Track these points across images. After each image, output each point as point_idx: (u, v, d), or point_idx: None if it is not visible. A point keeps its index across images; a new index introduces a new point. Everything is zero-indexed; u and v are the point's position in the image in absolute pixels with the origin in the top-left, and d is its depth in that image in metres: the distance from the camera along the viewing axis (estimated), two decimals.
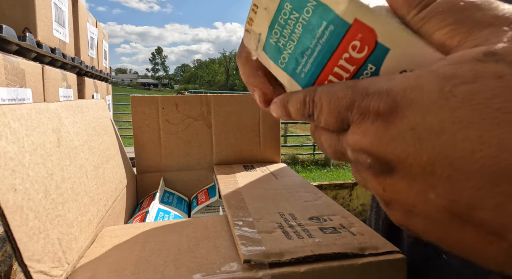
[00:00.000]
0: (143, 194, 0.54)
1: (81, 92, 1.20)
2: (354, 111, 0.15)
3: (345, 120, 0.15)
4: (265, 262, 0.23)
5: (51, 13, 0.86)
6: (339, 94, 0.15)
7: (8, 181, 0.19)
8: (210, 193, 0.50)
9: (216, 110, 0.54)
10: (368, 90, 0.14)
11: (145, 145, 0.53)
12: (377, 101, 0.13)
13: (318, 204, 0.34)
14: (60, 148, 0.27)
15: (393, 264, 0.24)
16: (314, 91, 0.17)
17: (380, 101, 0.13)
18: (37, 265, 0.19)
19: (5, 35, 0.65)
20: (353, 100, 0.15)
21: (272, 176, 0.46)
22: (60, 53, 0.97)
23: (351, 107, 0.15)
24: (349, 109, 0.15)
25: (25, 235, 0.19)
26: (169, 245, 0.27)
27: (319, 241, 0.25)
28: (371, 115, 0.14)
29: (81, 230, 0.27)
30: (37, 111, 0.25)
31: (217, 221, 0.32)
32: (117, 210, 0.40)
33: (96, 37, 1.49)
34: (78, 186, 0.28)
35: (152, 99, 0.52)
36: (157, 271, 0.23)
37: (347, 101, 0.15)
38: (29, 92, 0.69)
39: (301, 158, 4.05)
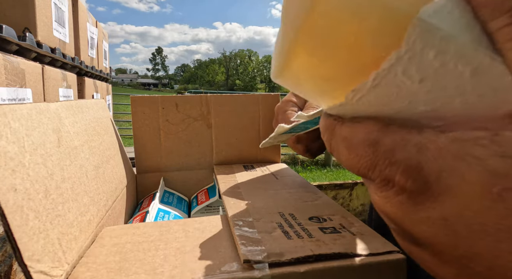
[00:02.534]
0: (143, 194, 0.54)
1: (81, 92, 1.20)
2: (375, 175, 0.12)
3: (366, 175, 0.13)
4: (265, 262, 0.23)
5: (51, 13, 0.86)
6: (358, 151, 0.13)
7: (8, 181, 0.19)
8: (210, 193, 0.50)
9: (216, 110, 0.54)
10: (393, 157, 0.11)
11: (145, 145, 0.53)
12: (404, 177, 0.11)
13: (318, 204, 0.34)
14: (60, 148, 0.27)
15: (393, 264, 0.24)
16: (333, 131, 0.14)
17: (408, 178, 0.11)
18: (37, 265, 0.19)
19: (5, 35, 0.65)
20: (375, 163, 0.12)
21: (272, 176, 0.46)
22: (60, 53, 0.97)
23: (373, 169, 0.12)
24: (370, 170, 0.12)
25: (25, 235, 0.19)
26: (169, 245, 0.27)
27: (319, 241, 0.25)
28: (397, 186, 0.12)
29: (81, 230, 0.27)
30: (37, 111, 0.25)
31: (217, 221, 0.32)
32: (117, 210, 0.40)
33: (96, 37, 1.49)
34: (78, 186, 0.28)
35: (152, 99, 0.52)
36: (157, 271, 0.23)
37: (367, 162, 0.12)
38: (29, 92, 0.69)
39: (301, 158, 4.05)
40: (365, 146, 0.12)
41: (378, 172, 0.12)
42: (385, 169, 0.12)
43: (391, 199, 0.12)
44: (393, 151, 0.11)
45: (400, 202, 0.12)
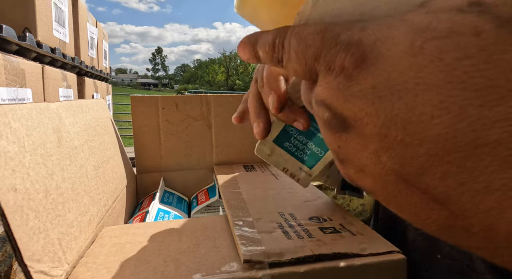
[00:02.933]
0: (143, 194, 0.54)
1: (81, 92, 1.20)
2: (321, 62, 0.13)
3: (313, 71, 0.14)
4: (265, 262, 0.23)
5: (51, 13, 0.86)
6: (308, 41, 0.14)
7: (8, 181, 0.19)
8: (210, 193, 0.50)
9: (216, 110, 0.54)
10: (338, 39, 0.13)
11: (145, 145, 0.53)
12: (344, 54, 0.12)
13: (318, 204, 0.34)
14: (61, 148, 0.27)
15: (393, 264, 0.24)
16: (285, 33, 0.15)
17: (347, 53, 0.12)
18: (37, 265, 0.19)
19: (5, 35, 0.65)
20: (321, 49, 0.13)
21: (272, 176, 0.46)
22: (60, 53, 0.97)
23: (318, 57, 0.13)
24: (316, 59, 0.13)
25: (25, 235, 0.19)
26: (169, 245, 0.27)
27: (319, 241, 0.25)
28: (336, 68, 0.13)
29: (81, 230, 0.27)
30: (37, 111, 0.25)
31: (217, 221, 0.32)
32: (117, 210, 0.40)
33: (96, 37, 1.49)
34: (78, 186, 0.28)
35: (152, 99, 0.52)
36: (157, 271, 0.23)
37: (315, 50, 0.13)
38: (29, 92, 0.69)
39: None
40: (314, 34, 0.14)
41: (322, 58, 0.13)
42: (328, 52, 0.13)
43: (331, 83, 0.13)
44: (339, 34, 0.13)
45: (338, 83, 0.13)
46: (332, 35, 0.13)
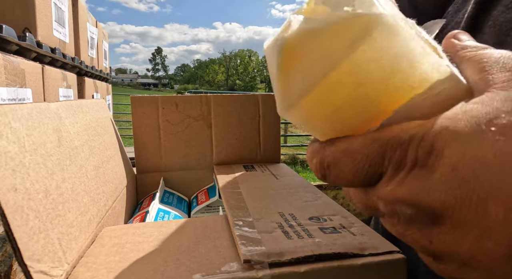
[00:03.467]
0: (143, 194, 0.54)
1: (81, 92, 1.20)
2: (386, 165, 0.13)
3: (374, 177, 0.14)
4: (265, 262, 0.23)
5: (51, 13, 0.86)
6: (364, 152, 0.14)
7: (8, 181, 0.19)
8: (210, 193, 0.50)
9: (216, 110, 0.54)
10: (400, 139, 0.13)
11: (145, 145, 0.53)
12: (414, 149, 0.13)
13: (318, 204, 0.34)
14: (61, 148, 0.27)
15: (393, 264, 0.24)
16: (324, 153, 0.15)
17: (417, 148, 0.12)
18: (37, 265, 0.19)
19: (5, 35, 0.65)
20: (383, 154, 0.13)
21: (272, 176, 0.46)
22: (60, 53, 0.97)
23: (381, 161, 0.14)
24: (379, 164, 0.14)
25: (25, 235, 0.19)
26: (169, 245, 0.27)
27: (319, 241, 0.25)
28: (408, 164, 0.13)
29: (81, 230, 0.27)
30: (37, 111, 0.25)
31: (217, 221, 0.32)
32: (117, 210, 0.40)
33: (96, 37, 1.49)
34: (78, 186, 0.28)
35: (152, 99, 0.52)
36: (157, 271, 0.23)
37: (376, 157, 0.14)
38: (29, 92, 0.69)
39: (301, 158, 4.05)
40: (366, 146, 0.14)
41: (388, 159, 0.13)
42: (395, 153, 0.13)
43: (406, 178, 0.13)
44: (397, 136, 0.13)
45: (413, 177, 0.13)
46: (389, 139, 0.13)
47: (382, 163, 0.14)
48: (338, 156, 0.15)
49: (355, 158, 0.14)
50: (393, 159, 0.13)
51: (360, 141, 0.14)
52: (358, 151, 0.14)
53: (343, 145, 0.15)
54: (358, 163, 0.14)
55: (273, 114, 0.56)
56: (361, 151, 0.14)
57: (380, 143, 0.14)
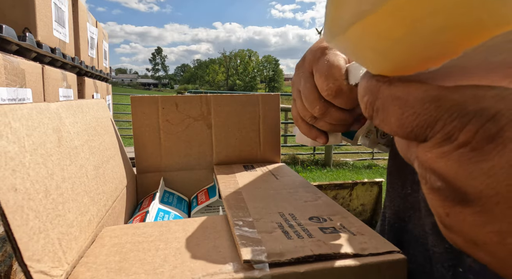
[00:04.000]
0: (143, 194, 0.54)
1: (81, 92, 1.20)
2: (435, 131, 0.12)
3: (418, 136, 0.13)
4: (265, 262, 0.23)
5: (51, 13, 0.86)
6: (416, 108, 0.12)
7: (8, 181, 0.19)
8: (210, 193, 0.50)
9: (216, 110, 0.54)
10: (464, 110, 0.11)
11: (145, 145, 0.53)
12: (475, 127, 0.11)
13: (318, 204, 0.34)
14: (61, 148, 0.27)
15: (393, 264, 0.24)
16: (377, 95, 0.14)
17: (480, 127, 0.11)
18: (37, 265, 0.19)
19: (5, 35, 0.65)
20: (437, 119, 0.12)
21: (272, 176, 0.46)
22: (60, 53, 0.97)
23: (432, 126, 0.12)
24: (430, 127, 0.12)
25: (25, 235, 0.19)
26: (169, 245, 0.27)
27: (319, 241, 0.25)
28: (459, 140, 0.11)
29: (81, 230, 0.27)
30: (37, 111, 0.25)
31: (217, 221, 0.32)
32: (117, 210, 0.40)
33: (96, 37, 1.49)
34: (78, 186, 0.28)
35: (152, 99, 0.52)
36: (157, 271, 0.23)
37: (427, 119, 0.12)
38: (29, 92, 0.69)
39: (301, 158, 4.06)
40: (425, 103, 0.12)
41: (439, 127, 0.12)
42: (451, 123, 0.12)
43: (450, 153, 0.12)
44: (464, 104, 0.11)
45: (460, 155, 0.11)
46: (451, 105, 0.12)
47: (433, 127, 0.12)
48: (388, 104, 0.13)
49: (404, 111, 0.13)
50: (446, 128, 0.12)
51: (417, 96, 0.12)
52: (411, 105, 0.13)
53: (398, 92, 0.13)
54: (406, 119, 0.13)
55: (273, 114, 0.56)
56: (414, 107, 0.13)
57: (438, 105, 0.12)
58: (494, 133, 0.11)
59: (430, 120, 0.12)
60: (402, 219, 0.33)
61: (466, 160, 0.11)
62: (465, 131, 0.11)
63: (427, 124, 0.12)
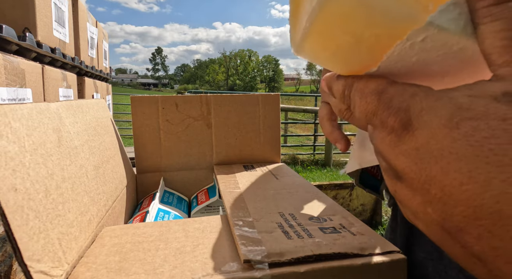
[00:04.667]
0: (143, 194, 0.54)
1: (81, 92, 1.20)
2: (376, 119, 0.16)
3: (370, 122, 0.16)
4: (265, 262, 0.23)
5: (51, 13, 0.86)
6: (368, 98, 0.16)
7: (8, 180, 0.19)
8: (210, 193, 0.50)
9: (216, 110, 0.54)
10: (391, 103, 0.15)
11: (145, 145, 0.53)
12: (395, 116, 0.14)
13: (318, 204, 0.34)
14: (61, 148, 0.27)
15: (393, 264, 0.24)
16: (351, 87, 0.18)
17: (397, 117, 0.14)
18: (37, 265, 0.19)
19: (5, 35, 0.65)
20: (377, 108, 0.16)
21: (272, 176, 0.46)
22: (60, 53, 0.97)
23: (375, 114, 0.16)
24: (374, 115, 0.16)
25: (25, 235, 0.19)
26: (169, 245, 0.27)
27: (319, 241, 0.25)
28: (389, 126, 0.15)
29: (81, 230, 0.27)
30: (38, 111, 0.25)
31: (217, 221, 0.32)
32: (117, 210, 0.40)
33: (96, 37, 1.49)
34: (78, 186, 0.28)
35: (152, 99, 0.52)
36: (157, 271, 0.23)
37: (372, 108, 0.16)
38: (29, 92, 0.69)
39: (301, 158, 4.05)
40: (372, 94, 0.16)
41: (379, 116, 0.15)
42: (383, 113, 0.15)
43: (385, 138, 0.15)
44: (392, 98, 0.15)
45: (390, 140, 0.15)
46: (386, 97, 0.15)
47: (375, 115, 0.16)
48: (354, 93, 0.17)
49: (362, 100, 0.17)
50: (381, 116, 0.15)
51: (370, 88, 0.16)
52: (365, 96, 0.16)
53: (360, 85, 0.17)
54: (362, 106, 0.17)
55: (273, 114, 0.56)
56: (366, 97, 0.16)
57: (379, 97, 0.16)
58: (406, 122, 0.14)
59: (374, 109, 0.16)
60: None
61: (393, 143, 0.15)
62: (390, 119, 0.15)
63: (372, 112, 0.16)
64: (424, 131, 0.13)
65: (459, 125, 0.12)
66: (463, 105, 0.12)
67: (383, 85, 0.16)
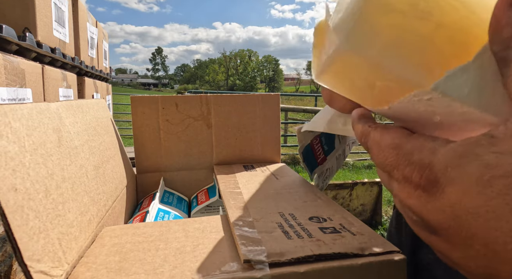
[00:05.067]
0: (143, 194, 0.54)
1: (81, 92, 1.20)
2: (398, 173, 0.15)
3: (390, 174, 0.16)
4: (265, 262, 0.23)
5: (51, 13, 0.86)
6: (385, 152, 0.16)
7: (8, 180, 0.19)
8: (210, 193, 0.50)
9: (216, 110, 0.54)
10: (411, 159, 0.15)
11: (145, 145, 0.53)
12: (419, 173, 0.14)
13: (318, 204, 0.34)
14: (61, 148, 0.27)
15: (393, 264, 0.24)
16: (368, 136, 0.18)
17: (422, 173, 0.14)
18: (37, 265, 0.19)
19: (5, 35, 0.65)
20: (397, 164, 0.15)
21: (272, 176, 0.46)
22: (60, 53, 0.97)
23: (395, 169, 0.15)
24: (394, 169, 0.15)
25: (25, 235, 0.19)
26: (169, 245, 0.27)
27: (319, 241, 0.25)
28: (413, 182, 0.14)
29: (81, 230, 0.27)
30: (38, 111, 0.25)
31: (217, 221, 0.32)
32: (117, 210, 0.40)
33: (96, 37, 1.49)
34: (78, 186, 0.28)
35: (152, 99, 0.52)
36: (157, 271, 0.23)
37: (391, 162, 0.16)
38: (29, 92, 0.69)
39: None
40: (390, 149, 0.16)
41: (400, 171, 0.15)
42: (404, 168, 0.15)
43: (412, 193, 0.15)
44: (411, 153, 0.15)
45: (418, 196, 0.14)
46: (404, 153, 0.15)
47: (397, 170, 0.15)
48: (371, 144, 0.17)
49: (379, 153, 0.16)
50: (404, 172, 0.15)
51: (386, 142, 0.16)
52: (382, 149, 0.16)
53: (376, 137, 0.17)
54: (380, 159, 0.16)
55: (273, 114, 0.56)
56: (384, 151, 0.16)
57: (397, 153, 0.15)
58: (433, 179, 0.14)
59: (394, 163, 0.16)
60: None
61: (423, 199, 0.14)
62: (414, 176, 0.14)
63: (393, 166, 0.16)
64: (455, 189, 0.13)
65: (491, 183, 0.12)
66: (490, 162, 0.12)
67: (399, 139, 0.16)
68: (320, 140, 0.42)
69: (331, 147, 0.42)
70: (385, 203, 2.50)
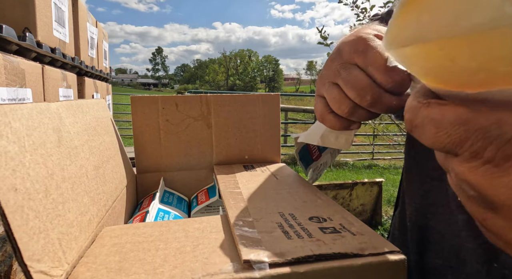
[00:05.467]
0: (143, 194, 0.54)
1: (81, 92, 1.20)
2: (464, 149, 0.14)
3: (450, 152, 0.15)
4: (265, 262, 0.23)
5: (51, 13, 0.86)
6: (448, 129, 0.15)
7: (8, 180, 0.19)
8: (210, 193, 0.50)
9: (216, 110, 0.54)
10: (487, 133, 0.13)
11: (145, 145, 0.53)
12: (496, 148, 0.13)
13: (318, 204, 0.34)
14: (61, 148, 0.27)
15: (393, 264, 0.24)
16: (416, 114, 0.16)
17: (499, 148, 0.13)
18: (37, 265, 0.19)
19: (5, 35, 0.65)
20: (465, 140, 0.14)
21: (272, 176, 0.46)
22: (60, 53, 0.97)
23: (458, 146, 0.14)
24: (456, 146, 0.14)
25: (25, 235, 0.19)
26: (169, 245, 0.27)
27: (319, 241, 0.25)
28: (484, 157, 0.14)
29: (81, 230, 0.27)
30: (38, 111, 0.25)
31: (217, 221, 0.32)
32: (117, 210, 0.40)
33: (96, 37, 1.49)
34: (78, 186, 0.28)
35: (152, 99, 0.52)
36: (156, 271, 0.23)
37: (455, 139, 0.14)
38: (29, 92, 0.69)
39: None
40: (455, 125, 0.14)
41: (468, 146, 0.14)
42: (476, 143, 0.14)
43: (477, 168, 0.14)
44: (488, 128, 0.13)
45: (485, 170, 0.14)
46: (477, 128, 0.14)
47: (462, 146, 0.14)
48: (425, 122, 0.16)
49: (438, 131, 0.15)
50: (473, 147, 0.14)
51: (449, 118, 0.14)
52: (444, 127, 0.15)
53: (433, 114, 0.15)
54: (440, 137, 0.15)
55: (273, 114, 0.56)
56: (446, 128, 0.15)
57: (467, 128, 0.14)
58: (510, 153, 0.13)
59: (460, 140, 0.14)
60: (424, 216, 0.34)
61: (490, 174, 0.13)
62: (488, 150, 0.13)
63: (457, 143, 0.14)
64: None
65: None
66: None
67: (465, 115, 0.14)
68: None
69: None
70: (385, 203, 2.50)
